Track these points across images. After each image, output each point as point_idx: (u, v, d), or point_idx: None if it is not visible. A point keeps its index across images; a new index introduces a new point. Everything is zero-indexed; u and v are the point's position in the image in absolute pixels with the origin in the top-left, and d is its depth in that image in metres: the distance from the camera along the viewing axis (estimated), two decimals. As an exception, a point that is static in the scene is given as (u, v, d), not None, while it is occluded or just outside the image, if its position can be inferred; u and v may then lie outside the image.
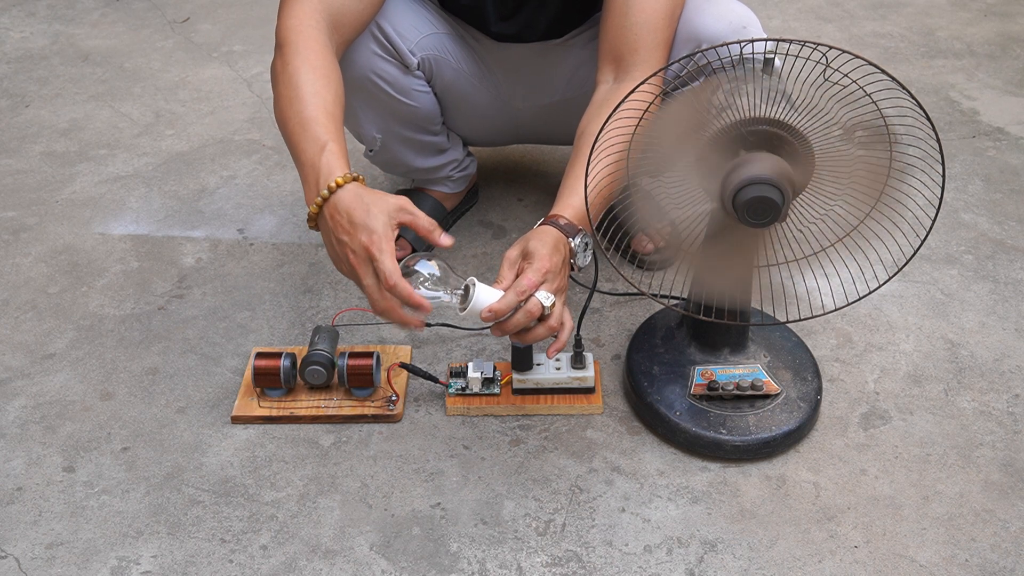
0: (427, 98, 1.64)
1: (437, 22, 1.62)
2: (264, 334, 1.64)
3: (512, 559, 1.28)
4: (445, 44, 1.62)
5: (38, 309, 1.71)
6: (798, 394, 1.44)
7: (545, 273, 1.26)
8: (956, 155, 2.07)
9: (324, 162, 1.20)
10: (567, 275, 1.33)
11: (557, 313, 1.28)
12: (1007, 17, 2.66)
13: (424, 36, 1.59)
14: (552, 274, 1.27)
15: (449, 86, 1.66)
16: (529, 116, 1.77)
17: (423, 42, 1.59)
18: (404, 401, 1.49)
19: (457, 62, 1.64)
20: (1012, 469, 1.39)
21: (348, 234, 1.17)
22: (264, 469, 1.41)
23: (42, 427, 1.48)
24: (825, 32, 2.61)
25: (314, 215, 1.22)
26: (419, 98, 1.62)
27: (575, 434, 1.45)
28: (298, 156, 1.25)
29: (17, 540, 1.31)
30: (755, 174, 1.19)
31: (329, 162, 1.20)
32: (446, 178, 1.81)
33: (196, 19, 2.74)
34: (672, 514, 1.33)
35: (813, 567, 1.26)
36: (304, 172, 1.23)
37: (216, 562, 1.28)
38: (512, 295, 1.24)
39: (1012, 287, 1.71)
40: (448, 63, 1.63)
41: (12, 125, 2.25)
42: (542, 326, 1.28)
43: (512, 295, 1.24)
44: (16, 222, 1.93)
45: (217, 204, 1.97)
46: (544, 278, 1.26)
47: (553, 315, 1.27)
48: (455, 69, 1.64)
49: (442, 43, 1.62)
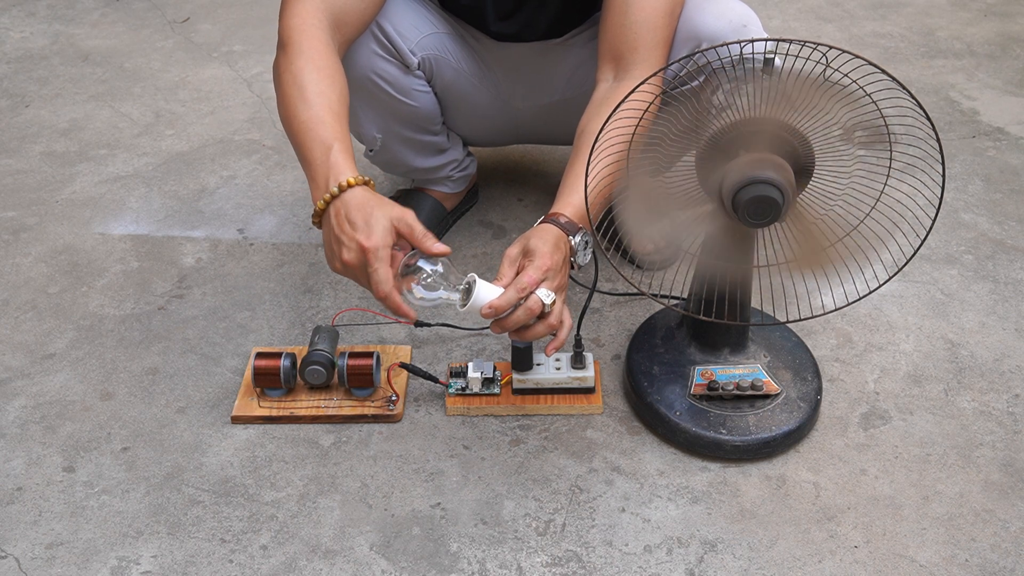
0: (427, 98, 1.64)
1: (437, 22, 1.62)
2: (264, 334, 1.64)
3: (512, 559, 1.28)
4: (445, 44, 1.62)
5: (38, 309, 1.71)
6: (798, 394, 1.44)
7: (546, 271, 1.26)
8: (956, 155, 2.07)
9: (333, 161, 1.21)
10: (567, 273, 1.34)
11: (557, 311, 1.28)
12: (1007, 17, 2.66)
13: (424, 36, 1.59)
14: (553, 272, 1.27)
15: (449, 86, 1.66)
16: (529, 116, 1.77)
17: (423, 42, 1.59)
18: (404, 401, 1.49)
19: (457, 62, 1.64)
20: (1012, 469, 1.39)
21: (347, 235, 1.19)
22: (264, 469, 1.41)
23: (42, 427, 1.48)
24: (825, 32, 2.61)
25: (320, 211, 1.23)
26: (419, 98, 1.62)
27: (575, 434, 1.45)
28: (304, 155, 1.25)
29: (17, 540, 1.31)
30: (755, 174, 1.19)
31: (338, 162, 1.21)
32: (446, 178, 1.81)
33: (196, 19, 2.74)
34: (672, 514, 1.33)
35: (813, 567, 1.26)
36: (312, 171, 1.23)
37: (216, 562, 1.28)
38: (512, 292, 1.24)
39: (1012, 287, 1.71)
40: (448, 63, 1.63)
41: (12, 125, 2.25)
42: (541, 324, 1.28)
43: (512, 292, 1.24)
44: (16, 222, 1.93)
45: (217, 204, 1.97)
46: (545, 275, 1.26)
47: (553, 313, 1.27)
48: (455, 69, 1.64)
49: (442, 43, 1.62)
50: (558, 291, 1.29)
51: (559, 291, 1.29)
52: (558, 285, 1.29)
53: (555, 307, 1.27)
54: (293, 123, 1.28)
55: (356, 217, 1.19)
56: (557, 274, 1.29)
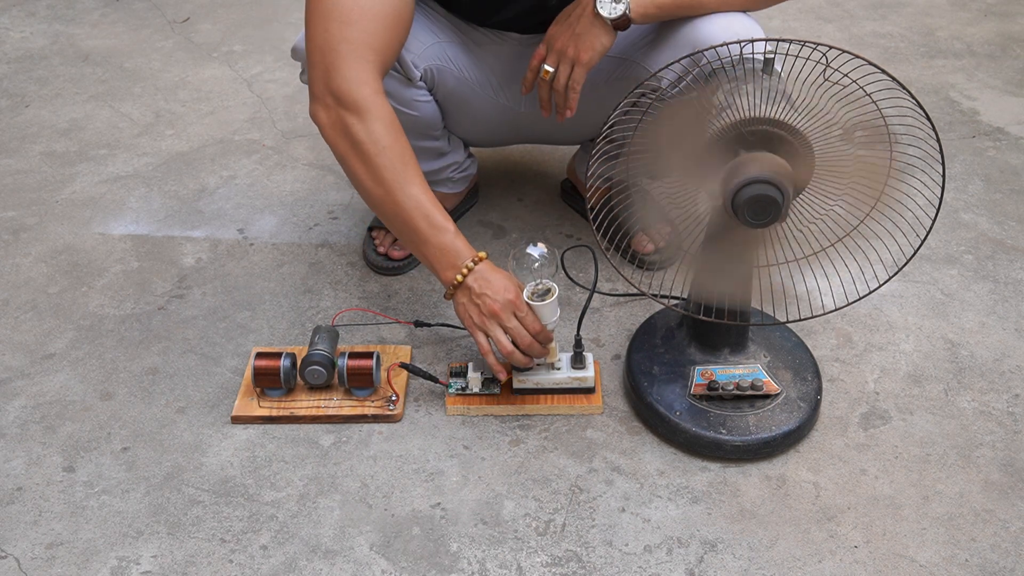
0: (429, 107, 1.63)
1: (439, 30, 1.61)
2: (264, 334, 1.64)
3: (512, 559, 1.28)
4: (447, 53, 1.62)
5: (38, 309, 1.71)
6: (798, 394, 1.44)
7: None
8: (956, 155, 2.07)
9: (461, 244, 1.40)
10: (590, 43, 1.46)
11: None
12: (1007, 17, 2.66)
13: (427, 47, 1.58)
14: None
15: (451, 93, 1.65)
16: (530, 117, 1.76)
17: (426, 53, 1.58)
18: (404, 401, 1.49)
19: (459, 70, 1.63)
20: (1012, 469, 1.39)
21: (490, 292, 1.39)
22: (264, 469, 1.41)
23: (42, 427, 1.48)
24: (825, 32, 2.61)
25: (458, 283, 1.40)
26: (421, 108, 1.61)
27: (575, 434, 1.45)
28: (423, 236, 1.40)
29: (17, 540, 1.31)
30: (755, 174, 1.19)
31: (459, 245, 1.40)
32: (446, 179, 1.81)
33: (196, 19, 2.74)
34: (672, 514, 1.33)
35: (813, 567, 1.26)
36: (436, 252, 1.40)
37: (216, 562, 1.28)
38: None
39: (1012, 287, 1.71)
40: (451, 71, 1.62)
41: (12, 125, 2.25)
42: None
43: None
44: (16, 222, 1.93)
45: (217, 204, 1.97)
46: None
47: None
48: (457, 77, 1.64)
49: (444, 52, 1.61)
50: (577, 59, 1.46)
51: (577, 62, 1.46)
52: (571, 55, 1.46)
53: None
54: (399, 202, 1.39)
55: (494, 280, 1.40)
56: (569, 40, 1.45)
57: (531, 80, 1.55)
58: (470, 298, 1.41)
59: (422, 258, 1.43)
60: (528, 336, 1.42)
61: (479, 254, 1.41)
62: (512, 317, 1.40)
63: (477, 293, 1.40)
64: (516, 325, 1.40)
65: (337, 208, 1.95)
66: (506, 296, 1.40)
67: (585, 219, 1.86)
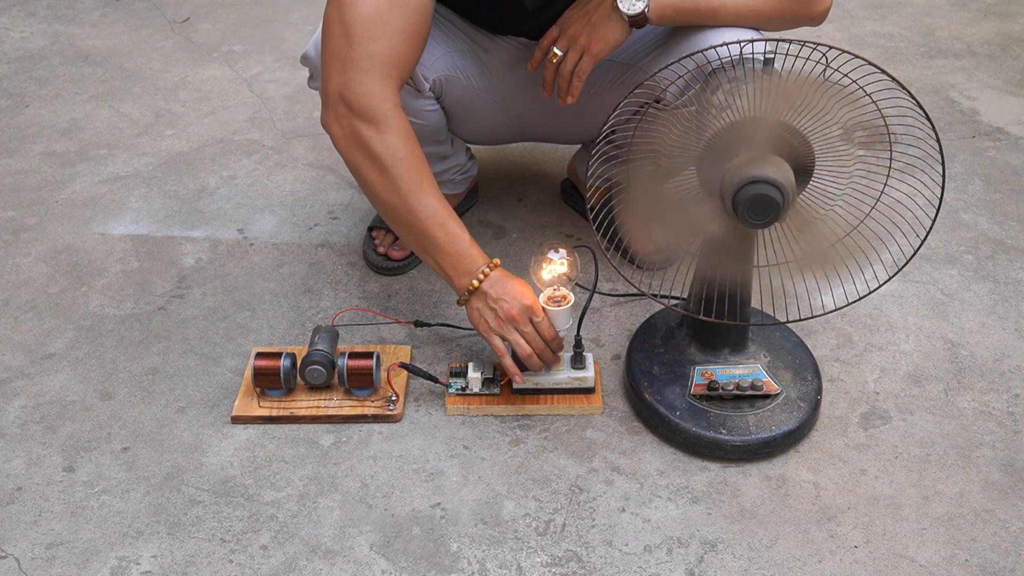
0: (435, 115, 1.62)
1: (449, 39, 1.60)
2: (264, 334, 1.64)
3: (512, 559, 1.28)
4: (456, 62, 1.61)
5: (38, 309, 1.71)
6: (798, 394, 1.44)
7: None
8: (956, 155, 2.07)
9: (476, 252, 1.42)
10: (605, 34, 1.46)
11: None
12: (1007, 17, 2.66)
13: (437, 59, 1.58)
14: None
15: (458, 100, 1.64)
16: (533, 117, 1.76)
17: (436, 64, 1.57)
18: (404, 401, 1.49)
19: (467, 78, 1.63)
20: (1012, 469, 1.39)
21: (506, 298, 1.40)
22: (264, 469, 1.41)
23: (42, 427, 1.48)
24: (825, 32, 2.61)
25: (472, 290, 1.41)
26: (428, 116, 1.61)
27: (575, 434, 1.45)
28: (438, 244, 1.41)
29: (17, 540, 1.31)
30: (755, 174, 1.19)
31: (474, 252, 1.41)
32: (448, 181, 1.81)
33: (196, 19, 2.74)
34: (672, 514, 1.33)
35: (813, 567, 1.26)
36: (451, 260, 1.41)
37: (216, 562, 1.28)
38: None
39: (1012, 287, 1.71)
40: (459, 80, 1.62)
41: (12, 125, 2.25)
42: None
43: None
44: (16, 222, 1.93)
45: (217, 204, 1.97)
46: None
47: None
48: (464, 86, 1.63)
49: (453, 62, 1.61)
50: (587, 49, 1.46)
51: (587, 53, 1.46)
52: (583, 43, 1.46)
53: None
54: (416, 212, 1.39)
55: (510, 286, 1.41)
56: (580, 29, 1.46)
57: (538, 60, 1.54)
58: (486, 303, 1.41)
59: (435, 265, 1.43)
60: (542, 342, 1.43)
61: (493, 260, 1.42)
62: (528, 322, 1.41)
63: (494, 298, 1.40)
64: (532, 330, 1.42)
65: (337, 208, 1.95)
66: (524, 301, 1.40)
67: (585, 219, 1.86)
